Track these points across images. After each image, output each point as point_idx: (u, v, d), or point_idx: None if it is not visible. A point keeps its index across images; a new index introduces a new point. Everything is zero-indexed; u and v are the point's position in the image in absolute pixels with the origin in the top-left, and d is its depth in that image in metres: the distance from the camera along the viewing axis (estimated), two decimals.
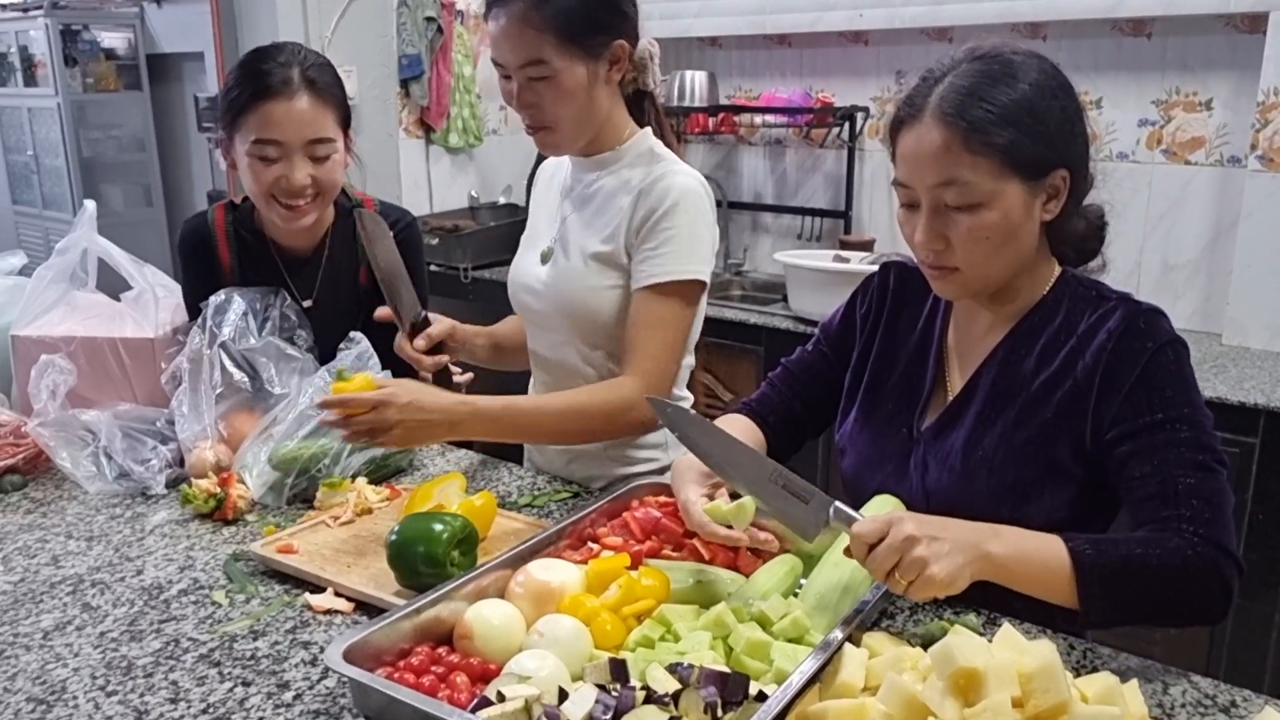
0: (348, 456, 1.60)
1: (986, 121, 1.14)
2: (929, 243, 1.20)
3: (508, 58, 1.52)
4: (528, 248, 1.74)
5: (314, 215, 1.75)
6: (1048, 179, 1.19)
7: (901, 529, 1.05)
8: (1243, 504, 2.30)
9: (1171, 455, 1.16)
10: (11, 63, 5.98)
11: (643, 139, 1.64)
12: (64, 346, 1.76)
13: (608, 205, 1.61)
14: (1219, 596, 1.13)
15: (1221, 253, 2.81)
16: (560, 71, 1.50)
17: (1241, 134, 2.74)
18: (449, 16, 3.91)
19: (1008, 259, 1.22)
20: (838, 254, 3.14)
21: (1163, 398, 1.17)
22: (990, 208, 1.16)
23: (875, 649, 1.09)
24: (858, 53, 3.46)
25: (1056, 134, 1.18)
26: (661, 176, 1.56)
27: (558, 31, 1.48)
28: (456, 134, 4.03)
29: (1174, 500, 1.14)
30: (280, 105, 1.65)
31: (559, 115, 1.54)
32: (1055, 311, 1.27)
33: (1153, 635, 2.34)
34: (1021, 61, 1.19)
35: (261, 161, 1.67)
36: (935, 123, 1.16)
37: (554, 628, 1.08)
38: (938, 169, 1.16)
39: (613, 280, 1.59)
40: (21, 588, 1.34)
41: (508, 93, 1.56)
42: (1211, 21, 2.75)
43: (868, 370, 1.42)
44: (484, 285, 3.57)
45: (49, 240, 6.01)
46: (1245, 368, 2.51)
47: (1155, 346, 1.19)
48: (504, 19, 1.50)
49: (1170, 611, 1.14)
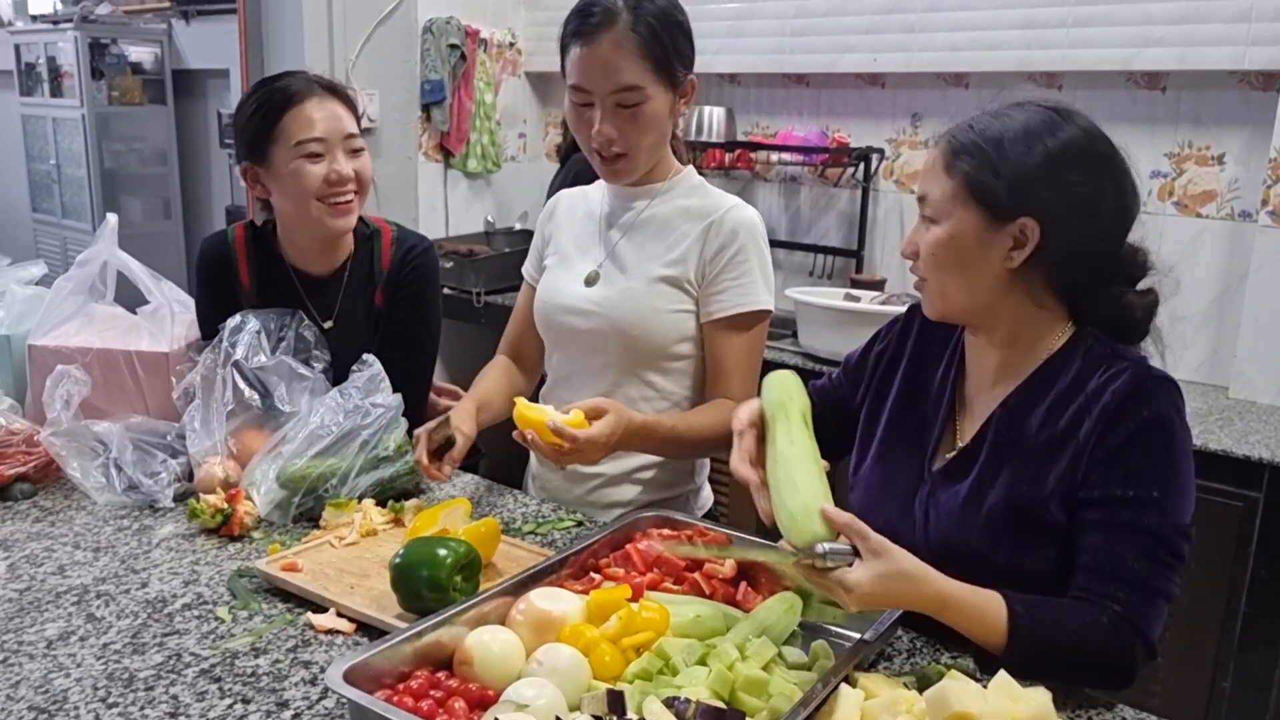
0: (355, 477, 1.62)
1: (962, 148, 1.23)
2: (905, 249, 1.32)
3: (599, 84, 1.55)
4: (560, 272, 1.76)
5: (356, 213, 1.80)
6: (1011, 224, 1.20)
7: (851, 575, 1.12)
8: (1245, 559, 2.29)
9: (1126, 538, 1.18)
10: (39, 73, 6.06)
11: (691, 173, 1.72)
12: (80, 357, 1.79)
13: (666, 231, 1.67)
14: (1123, 675, 1.19)
15: (1230, 306, 2.82)
16: (651, 99, 1.56)
17: (1253, 189, 2.76)
18: (472, 44, 3.96)
19: (961, 286, 1.26)
20: (849, 292, 3.16)
21: (1139, 475, 1.19)
22: (941, 225, 1.25)
23: (871, 690, 1.09)
24: (874, 95, 3.49)
25: (1026, 181, 1.19)
26: (731, 209, 1.65)
27: (654, 59, 1.54)
28: (475, 159, 4.07)
29: (1114, 580, 1.18)
30: (313, 104, 1.73)
31: (639, 143, 1.59)
32: (1067, 367, 1.27)
33: (1152, 688, 2.33)
34: (1035, 110, 1.22)
35: (309, 160, 1.72)
36: (938, 142, 1.27)
37: (553, 657, 1.09)
38: (925, 183, 1.28)
39: (677, 304, 1.65)
40: (27, 596, 1.35)
41: (586, 120, 1.59)
42: (1225, 77, 2.78)
43: (887, 410, 1.43)
44: (496, 309, 3.59)
45: (66, 249, 6.07)
46: (1251, 421, 2.51)
47: (1150, 418, 1.19)
48: (599, 44, 1.53)
49: (1079, 678, 1.20)
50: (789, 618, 1.25)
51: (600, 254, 1.72)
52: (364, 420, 1.65)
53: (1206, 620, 2.34)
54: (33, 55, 6.11)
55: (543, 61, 4.26)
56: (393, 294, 1.88)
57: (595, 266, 1.72)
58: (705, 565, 1.33)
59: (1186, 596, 1.21)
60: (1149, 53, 2.80)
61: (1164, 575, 1.18)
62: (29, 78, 6.20)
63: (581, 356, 1.73)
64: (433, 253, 1.95)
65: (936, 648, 1.28)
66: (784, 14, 3.51)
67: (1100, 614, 1.17)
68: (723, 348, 1.66)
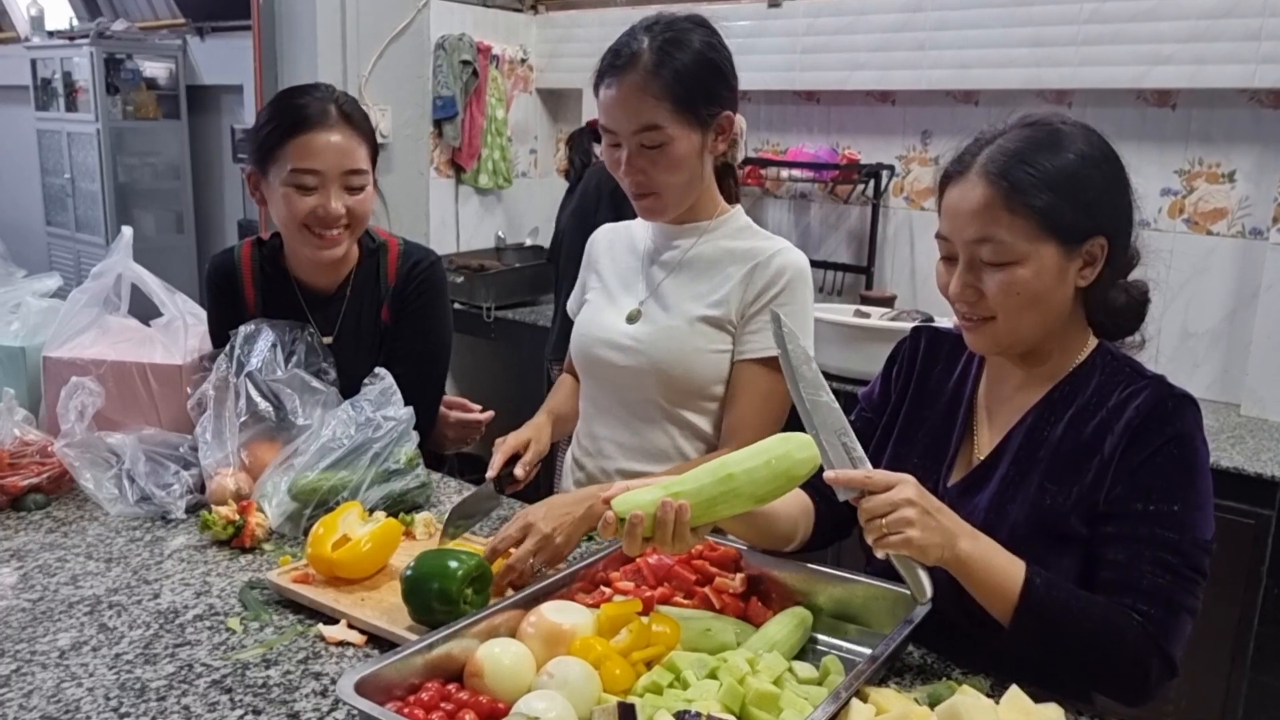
0: (366, 490, 1.62)
1: (1027, 183, 1.18)
2: (962, 294, 1.24)
3: (622, 125, 1.55)
4: (603, 306, 1.74)
5: (345, 246, 1.78)
6: (1084, 245, 1.21)
7: (905, 490, 1.13)
8: (1258, 577, 2.28)
9: (1147, 553, 1.18)
10: (55, 88, 6.11)
11: (739, 214, 1.70)
12: (94, 369, 1.80)
13: (711, 271, 1.65)
14: (1139, 682, 1.17)
15: (1241, 324, 2.81)
16: (675, 139, 1.54)
17: (1263, 206, 2.76)
18: (484, 60, 3.99)
19: (1038, 318, 1.24)
20: (858, 309, 3.16)
21: (1161, 490, 1.19)
22: (1023, 266, 1.20)
23: (882, 705, 1.09)
24: (885, 112, 3.50)
25: (1095, 202, 1.21)
26: (778, 252, 1.62)
27: (675, 99, 1.52)
28: (486, 175, 4.09)
29: (1134, 593, 1.18)
30: (319, 135, 1.70)
31: (668, 183, 1.58)
32: (1088, 382, 1.28)
33: (1165, 706, 2.32)
34: (1069, 131, 1.23)
35: (298, 191, 1.70)
36: (979, 180, 1.21)
37: (564, 669, 1.09)
38: (976, 225, 1.20)
39: (717, 344, 1.63)
40: (40, 606, 1.36)
41: (615, 160, 1.59)
42: (1235, 95, 2.78)
43: (897, 426, 1.43)
44: (506, 325, 3.60)
45: (80, 262, 6.10)
46: (1263, 439, 2.50)
47: (1173, 434, 1.20)
48: (621, 86, 1.53)
49: (1089, 674, 1.18)
50: (799, 633, 1.25)
51: (643, 291, 1.70)
52: (375, 433, 1.66)
53: (1220, 638, 2.33)
54: (49, 70, 6.16)
55: (554, 78, 4.29)
56: (399, 309, 1.88)
57: (638, 303, 1.69)
58: (716, 579, 1.33)
59: (1200, 614, 1.20)
60: (1159, 71, 2.80)
61: (1185, 589, 1.18)
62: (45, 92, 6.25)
63: (618, 391, 1.71)
64: (439, 266, 1.95)
65: (948, 664, 1.27)
66: (795, 31, 3.53)
67: (1121, 616, 1.16)
68: (741, 392, 1.63)
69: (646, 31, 1.55)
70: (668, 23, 1.56)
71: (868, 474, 1.15)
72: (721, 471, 1.18)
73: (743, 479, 1.17)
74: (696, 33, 1.56)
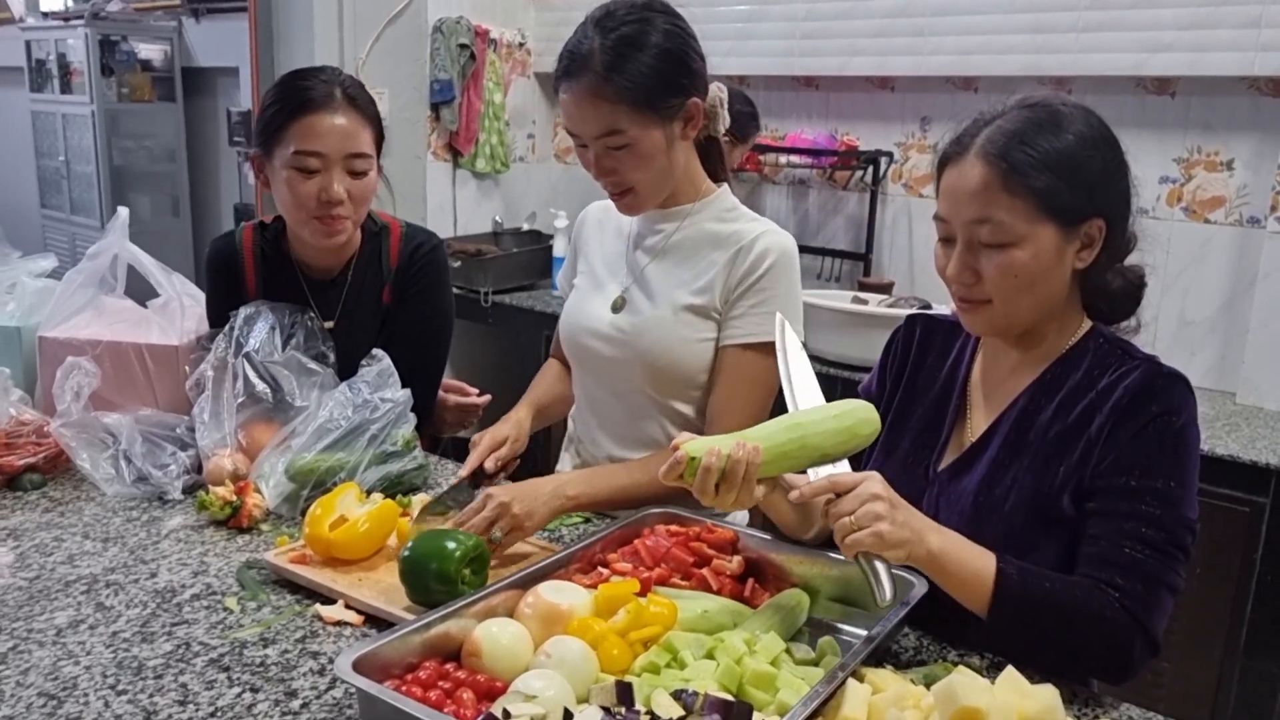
0: (363, 471, 1.62)
1: (1027, 164, 1.18)
2: (960, 275, 1.24)
3: (583, 129, 1.53)
4: (588, 293, 1.73)
5: (348, 231, 1.77)
6: (1082, 227, 1.21)
7: (872, 485, 1.13)
8: (1252, 564, 2.29)
9: (1129, 527, 1.18)
10: (49, 70, 6.09)
11: (725, 195, 1.66)
12: (90, 349, 1.79)
13: (694, 257, 1.62)
14: (1121, 660, 1.16)
15: (1238, 312, 2.81)
16: (637, 139, 1.51)
17: (1262, 195, 2.76)
18: (482, 44, 3.97)
19: (1036, 299, 1.24)
20: (856, 295, 3.16)
21: (1145, 466, 1.19)
22: (1021, 248, 1.20)
23: (878, 685, 1.09)
24: (884, 98, 3.49)
25: (1094, 184, 1.21)
26: (761, 234, 1.59)
27: (631, 101, 1.48)
28: (484, 159, 4.08)
29: (1113, 567, 1.17)
30: (323, 118, 1.69)
31: (640, 179, 1.55)
32: (1079, 364, 1.28)
33: (1158, 691, 2.33)
34: (1069, 113, 1.22)
35: (301, 174, 1.69)
36: (978, 161, 1.20)
37: (561, 649, 1.09)
38: (975, 206, 1.20)
39: (703, 333, 1.61)
40: (37, 585, 1.36)
41: (585, 161, 1.57)
42: (1235, 83, 2.78)
43: (891, 414, 1.43)
44: (504, 310, 3.60)
45: (75, 245, 6.08)
46: (1258, 427, 2.51)
47: (1159, 412, 1.20)
48: (575, 91, 1.50)
49: (1070, 656, 1.18)
50: (796, 614, 1.25)
51: (627, 278, 1.69)
52: (373, 415, 1.66)
53: (1213, 624, 2.34)
54: (43, 52, 6.13)
55: (552, 62, 4.23)
56: (401, 291, 1.88)
57: (622, 291, 1.68)
58: (713, 561, 1.34)
59: (1193, 601, 1.21)
60: (1159, 58, 2.80)
61: (1167, 565, 1.17)
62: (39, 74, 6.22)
63: (607, 381, 1.70)
64: (442, 249, 1.94)
65: (944, 646, 1.28)
66: (794, 16, 3.51)
67: (1098, 594, 1.16)
68: (725, 377, 1.60)
69: (597, 27, 1.50)
70: (621, 15, 1.50)
71: (831, 478, 1.15)
72: (790, 422, 1.21)
73: (811, 430, 1.20)
74: (651, 21, 1.50)
